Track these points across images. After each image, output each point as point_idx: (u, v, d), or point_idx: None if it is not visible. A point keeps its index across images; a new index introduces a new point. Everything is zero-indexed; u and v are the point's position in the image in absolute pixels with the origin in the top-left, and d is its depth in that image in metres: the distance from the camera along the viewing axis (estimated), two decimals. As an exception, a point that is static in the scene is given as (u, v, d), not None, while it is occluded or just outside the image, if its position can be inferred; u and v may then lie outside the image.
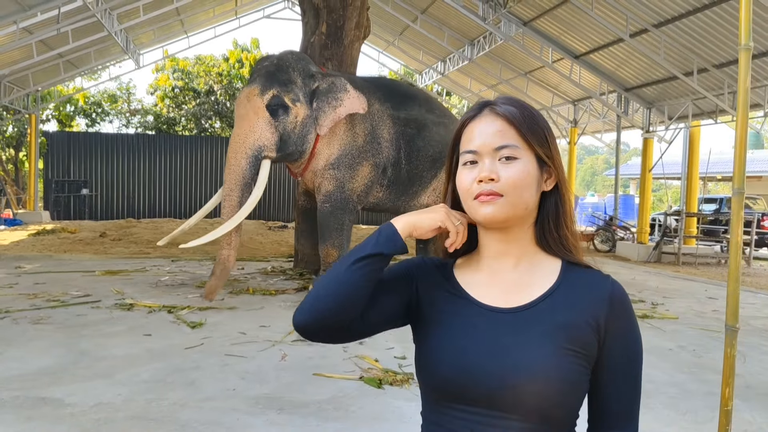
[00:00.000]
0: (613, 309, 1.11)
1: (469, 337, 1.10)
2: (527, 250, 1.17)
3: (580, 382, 1.08)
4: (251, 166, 7.18)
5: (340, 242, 7.90)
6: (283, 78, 7.40)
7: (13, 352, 4.94)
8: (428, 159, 8.37)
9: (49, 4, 13.25)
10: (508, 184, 1.08)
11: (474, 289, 1.16)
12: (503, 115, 1.12)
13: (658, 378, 4.76)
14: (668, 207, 18.10)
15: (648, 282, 10.16)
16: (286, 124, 7.30)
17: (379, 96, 8.18)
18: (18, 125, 22.63)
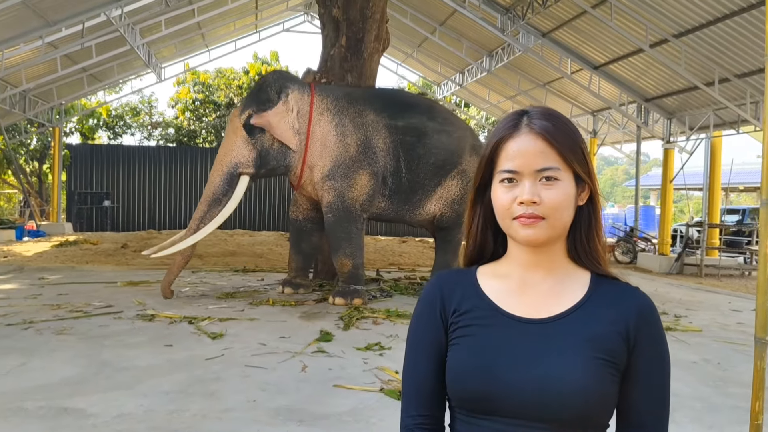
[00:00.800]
0: (642, 320, 1.12)
1: (500, 348, 1.10)
2: (558, 262, 1.17)
3: (611, 392, 1.08)
4: (224, 183, 7.79)
5: (351, 251, 7.99)
6: (262, 97, 7.87)
7: (36, 362, 5.00)
8: (430, 167, 8.36)
9: (73, 19, 13.52)
10: (550, 207, 1.09)
11: (503, 299, 1.16)
12: (542, 134, 1.11)
13: (682, 391, 4.68)
14: (690, 218, 17.87)
15: (670, 294, 10.03)
16: (264, 141, 7.80)
17: (375, 106, 8.28)
18: (42, 138, 23.03)
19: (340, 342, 5.92)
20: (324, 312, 7.46)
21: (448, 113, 9.10)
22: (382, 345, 5.79)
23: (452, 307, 1.18)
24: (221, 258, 13.41)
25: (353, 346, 5.75)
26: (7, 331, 6.03)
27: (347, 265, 8.02)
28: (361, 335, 6.24)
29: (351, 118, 8.09)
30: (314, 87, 8.20)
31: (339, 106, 8.11)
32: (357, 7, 9.26)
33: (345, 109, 8.13)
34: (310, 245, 8.83)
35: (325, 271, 9.68)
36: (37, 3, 12.19)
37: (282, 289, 8.67)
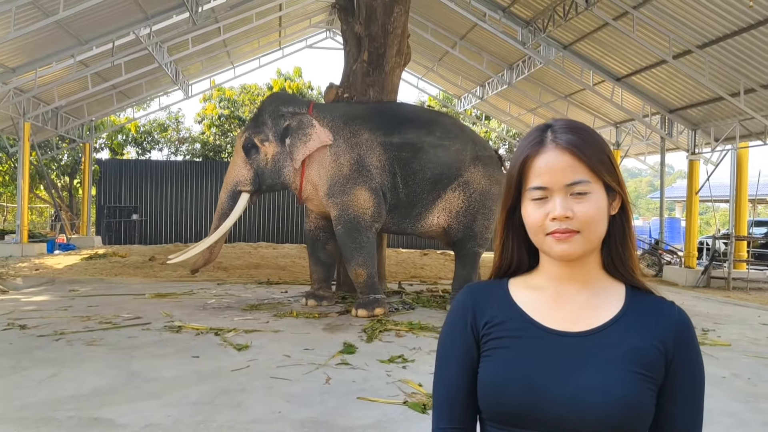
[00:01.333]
0: (681, 337, 1.12)
1: (536, 361, 1.10)
2: (593, 275, 1.16)
3: (649, 406, 1.09)
4: (230, 200, 8.56)
5: (364, 261, 8.14)
6: (258, 121, 8.55)
7: (67, 372, 5.13)
8: (427, 182, 8.40)
9: (104, 38, 13.91)
10: (583, 221, 1.08)
11: (536, 311, 1.16)
12: (569, 149, 1.10)
13: (713, 407, 4.62)
14: (716, 230, 17.61)
15: (697, 307, 9.89)
16: (259, 161, 8.40)
17: (371, 125, 8.44)
18: (73, 154, 23.56)
19: (364, 354, 5.96)
20: (347, 324, 7.52)
21: (451, 126, 8.98)
22: (405, 357, 5.82)
23: (484, 319, 1.17)
24: (246, 270, 13.56)
25: (376, 358, 5.79)
26: (38, 342, 6.18)
27: (362, 275, 8.16)
28: (384, 348, 6.28)
29: (345, 138, 8.32)
30: (312, 107, 8.54)
31: (335, 126, 8.36)
32: (378, 22, 9.38)
33: (340, 129, 8.36)
34: (326, 254, 8.94)
35: (348, 283, 9.73)
36: (70, 23, 12.58)
37: (306, 301, 8.76)
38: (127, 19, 13.78)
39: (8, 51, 12.81)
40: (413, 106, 9.36)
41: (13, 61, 13.34)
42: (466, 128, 9.47)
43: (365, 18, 9.45)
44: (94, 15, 12.68)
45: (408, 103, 9.50)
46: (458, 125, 9.32)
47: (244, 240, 21.44)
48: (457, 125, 9.28)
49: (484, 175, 8.60)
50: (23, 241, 16.15)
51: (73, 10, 11.19)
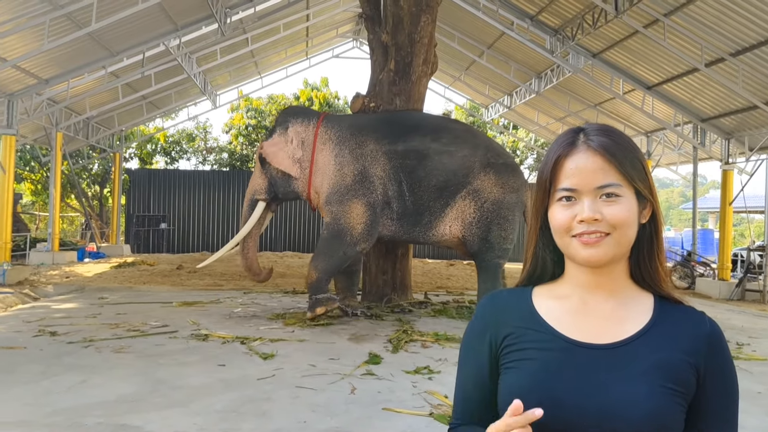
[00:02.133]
0: (712, 348, 1.08)
1: (561, 373, 1.06)
2: (620, 284, 1.12)
3: (678, 421, 1.04)
4: (250, 208, 8.94)
5: (323, 266, 8.28)
6: (271, 132, 8.98)
7: (96, 379, 5.17)
8: (433, 189, 8.32)
9: (134, 49, 14.15)
10: (613, 223, 1.05)
11: (562, 323, 1.12)
12: (600, 151, 1.07)
13: (747, 423, 4.48)
14: (751, 242, 17.20)
15: (731, 321, 9.64)
16: (271, 171, 8.71)
17: (377, 135, 8.49)
18: (103, 163, 23.99)
19: (389, 365, 5.91)
20: (372, 334, 7.47)
21: (461, 132, 8.84)
22: (431, 369, 5.75)
23: (506, 330, 1.14)
24: (271, 280, 13.58)
25: (402, 369, 5.74)
26: (68, 349, 6.26)
27: (311, 277, 8.33)
28: (409, 358, 6.21)
29: (351, 149, 8.43)
30: (323, 118, 8.75)
31: (342, 136, 8.50)
32: (405, 32, 9.38)
33: (347, 140, 8.47)
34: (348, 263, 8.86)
35: (373, 293, 9.71)
36: (101, 35, 12.82)
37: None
38: (157, 31, 14.02)
39: (42, 62, 13.10)
40: (425, 114, 9.25)
41: (47, 72, 13.64)
42: (480, 135, 9.27)
43: (392, 27, 9.45)
44: (124, 27, 12.91)
45: (422, 111, 9.38)
46: (470, 132, 9.16)
47: (270, 249, 21.57)
48: (470, 132, 9.14)
49: (496, 183, 8.40)
50: (54, 249, 16.44)
51: (104, 22, 11.41)
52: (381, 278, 9.72)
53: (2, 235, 13.17)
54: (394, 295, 9.64)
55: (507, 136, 27.09)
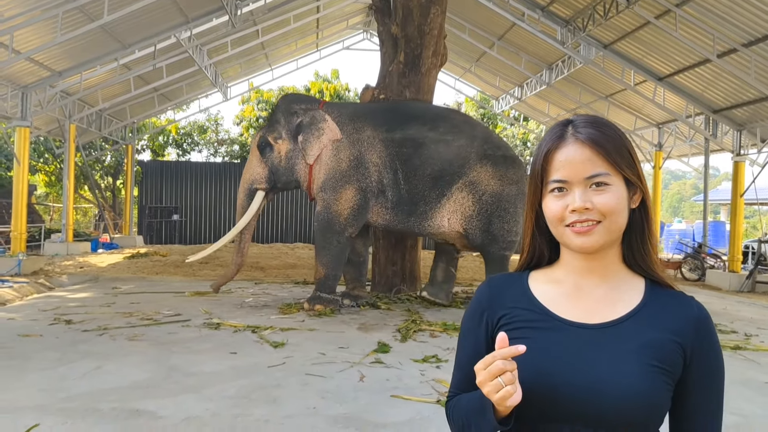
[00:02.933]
0: (699, 330, 1.13)
1: (553, 352, 1.12)
2: (612, 268, 1.18)
3: (665, 399, 1.09)
4: (247, 198, 8.79)
5: (327, 261, 8.35)
6: (272, 120, 8.82)
7: (110, 366, 5.28)
8: (428, 178, 8.31)
9: (146, 42, 14.24)
10: (604, 212, 1.10)
11: (556, 304, 1.18)
12: (588, 142, 1.12)
13: (753, 412, 4.52)
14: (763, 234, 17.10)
15: (741, 312, 9.63)
16: (273, 159, 8.61)
17: (375, 122, 8.51)
18: (116, 155, 24.18)
19: (398, 353, 5.98)
20: (381, 324, 7.54)
21: (459, 122, 8.79)
22: (439, 357, 5.82)
23: (502, 311, 1.20)
24: (283, 270, 13.73)
25: (410, 357, 5.81)
26: (83, 337, 6.38)
27: (320, 273, 8.41)
28: (418, 347, 6.28)
29: (348, 134, 8.42)
30: (322, 106, 8.67)
31: (341, 123, 8.47)
32: (415, 23, 9.39)
33: (345, 125, 8.46)
34: (355, 253, 8.96)
35: (382, 284, 9.78)
36: (113, 27, 12.92)
37: (342, 301, 8.75)
38: (169, 23, 14.09)
39: (55, 55, 13.23)
40: (426, 103, 9.16)
41: (60, 64, 13.76)
42: (479, 126, 9.19)
43: (401, 19, 9.47)
44: (136, 19, 13.00)
45: (425, 102, 9.31)
46: (469, 122, 9.09)
47: (281, 241, 21.69)
48: (468, 122, 9.06)
49: (493, 176, 8.38)
50: (68, 240, 16.63)
51: (116, 15, 11.49)
52: (390, 269, 9.79)
53: (17, 226, 13.34)
54: (403, 285, 9.70)
55: (517, 128, 27.01)
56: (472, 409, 1.13)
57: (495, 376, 1.01)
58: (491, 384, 1.02)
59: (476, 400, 1.10)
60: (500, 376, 1.01)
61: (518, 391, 1.02)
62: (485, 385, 1.03)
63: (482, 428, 1.10)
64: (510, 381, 1.01)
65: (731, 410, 4.51)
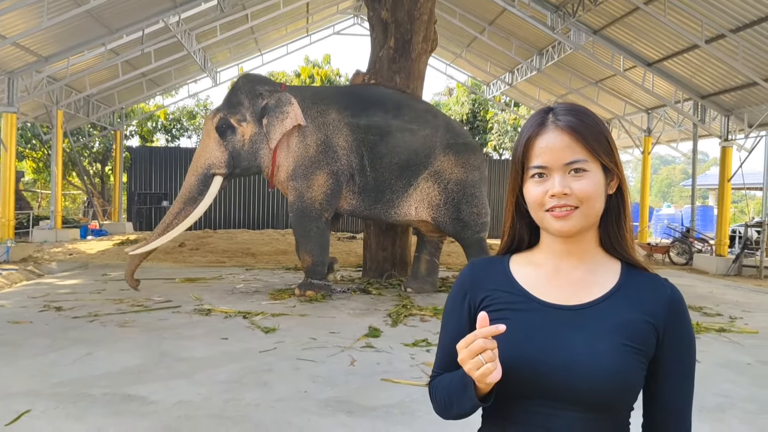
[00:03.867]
0: (672, 311, 1.17)
1: (531, 332, 1.16)
2: (590, 252, 1.22)
3: (638, 377, 1.14)
4: (199, 183, 8.29)
5: (311, 248, 8.26)
6: (233, 101, 8.34)
7: (101, 352, 5.29)
8: (395, 167, 8.32)
9: (134, 26, 14.10)
10: (581, 197, 1.14)
11: (535, 287, 1.21)
12: (568, 130, 1.15)
13: (735, 393, 4.61)
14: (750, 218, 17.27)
15: (726, 296, 9.76)
16: (235, 142, 8.24)
17: (339, 105, 8.40)
18: (104, 141, 23.99)
19: (388, 338, 6.04)
20: (372, 309, 7.59)
21: (422, 111, 8.80)
22: (428, 341, 5.87)
23: (483, 294, 1.24)
24: (274, 257, 13.74)
25: (401, 341, 5.86)
26: (74, 323, 6.38)
27: (307, 261, 8.34)
28: (408, 332, 6.34)
29: (312, 118, 8.28)
30: (284, 88, 8.43)
31: (303, 105, 8.27)
32: (405, 8, 9.36)
33: (308, 109, 8.30)
34: None
35: (373, 269, 9.83)
36: (100, 12, 12.77)
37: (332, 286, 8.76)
38: (156, 8, 13.95)
39: (41, 40, 13.07)
40: (385, 89, 9.13)
41: (46, 49, 13.61)
42: (441, 114, 9.22)
43: (391, 4, 9.43)
44: (123, 4, 12.86)
45: (381, 86, 9.25)
46: (431, 111, 9.08)
47: (272, 227, 21.66)
48: (431, 111, 9.05)
49: (456, 164, 8.45)
50: (57, 227, 16.55)
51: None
52: (381, 254, 9.83)
53: (5, 213, 13.26)
54: (394, 270, 9.75)
55: (508, 114, 27.01)
56: (454, 387, 1.17)
57: (476, 354, 1.05)
58: (472, 362, 1.05)
59: (458, 379, 1.15)
60: (481, 354, 1.04)
61: (498, 369, 1.05)
62: (466, 362, 1.06)
63: (463, 405, 1.14)
64: (490, 359, 1.04)
65: (715, 392, 4.60)
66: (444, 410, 1.23)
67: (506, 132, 26.66)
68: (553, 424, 1.13)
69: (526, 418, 1.15)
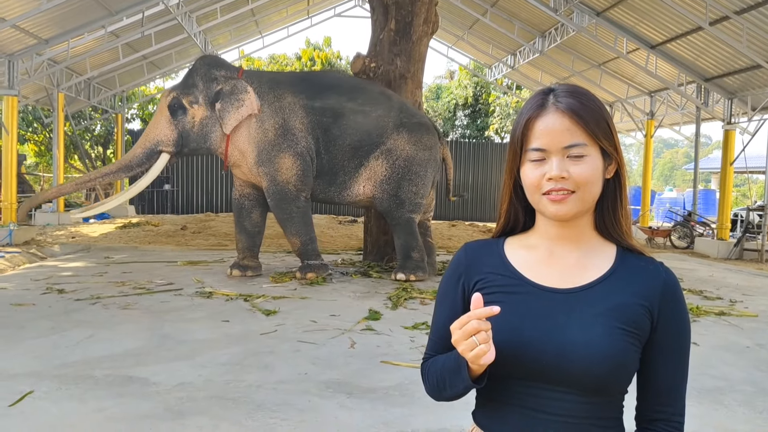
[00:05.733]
0: (667, 297, 1.18)
1: (526, 315, 1.16)
2: (585, 236, 1.22)
3: (632, 360, 1.14)
4: (144, 155, 8.36)
5: (296, 230, 8.31)
6: (188, 82, 8.35)
7: (103, 334, 5.33)
8: (347, 148, 8.37)
9: (134, 8, 14.01)
10: (579, 182, 1.13)
11: (529, 270, 1.22)
12: (568, 112, 1.13)
13: (733, 376, 4.64)
14: (753, 202, 17.24)
15: (727, 279, 9.77)
16: (185, 123, 8.24)
17: (295, 89, 8.43)
18: (105, 124, 23.96)
19: (388, 321, 6.07)
20: (373, 292, 7.63)
21: (376, 94, 8.78)
22: (428, 324, 5.88)
23: (477, 276, 1.24)
24: (275, 240, 13.75)
25: (400, 324, 5.90)
26: (76, 306, 6.42)
27: (296, 243, 8.39)
28: (408, 315, 6.37)
29: (269, 103, 8.28)
30: (242, 73, 8.45)
31: (260, 91, 8.29)
32: (406, -10, 9.28)
33: (265, 94, 8.30)
34: (251, 223, 8.76)
35: (374, 253, 9.85)
36: (100, -6, 12.69)
37: (230, 271, 8.61)
38: (157, -10, 13.85)
39: (41, 22, 13.00)
40: (341, 74, 9.07)
41: (46, 32, 13.54)
42: (395, 96, 9.16)
43: (392, -15, 9.34)
44: (124, -15, 12.78)
45: (336, 71, 9.27)
46: (385, 94, 9.02)
47: (273, 210, 21.66)
48: (385, 94, 9.00)
49: (408, 141, 8.50)
50: (60, 210, 16.57)
51: (103, -19, 11.29)
52: (382, 238, 9.85)
53: (8, 196, 13.27)
54: (395, 254, 9.76)
55: (510, 96, 26.89)
56: (447, 368, 1.18)
57: (470, 335, 1.05)
58: (466, 342, 1.06)
59: (451, 360, 1.15)
60: (475, 335, 1.05)
61: (492, 350, 1.06)
62: (460, 343, 1.07)
63: (456, 386, 1.15)
64: (484, 340, 1.05)
65: (714, 375, 4.63)
66: (436, 391, 1.23)
67: (508, 115, 26.55)
68: (547, 406, 1.14)
69: (519, 400, 1.16)
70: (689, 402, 1.27)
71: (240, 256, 8.78)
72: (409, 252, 8.50)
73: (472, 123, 28.06)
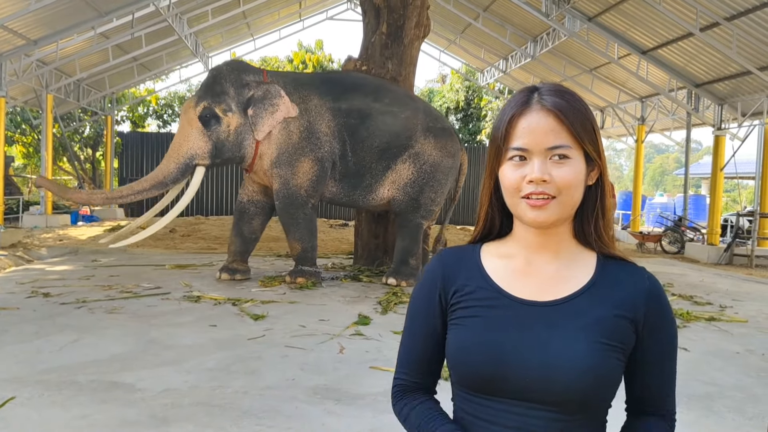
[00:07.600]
0: (650, 303, 1.12)
1: (505, 330, 1.10)
2: (565, 244, 1.16)
3: (615, 375, 1.09)
4: (178, 172, 8.00)
5: (300, 236, 8.21)
6: (217, 90, 7.99)
7: (89, 339, 5.25)
8: (375, 150, 8.31)
9: (124, 9, 13.93)
10: (561, 186, 1.07)
11: (507, 281, 1.15)
12: (554, 111, 1.08)
13: (723, 382, 4.62)
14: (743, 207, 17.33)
15: (717, 284, 9.79)
16: (219, 133, 7.92)
17: (320, 91, 8.34)
18: (95, 126, 23.79)
19: (378, 325, 6.02)
20: (363, 296, 7.58)
21: (401, 94, 8.76)
22: (419, 329, 5.85)
23: (454, 287, 1.17)
24: (265, 243, 13.66)
25: (390, 329, 5.84)
26: (61, 310, 6.33)
27: (296, 248, 8.31)
28: (398, 319, 6.32)
29: (295, 105, 8.15)
30: (266, 75, 8.28)
31: (285, 93, 8.09)
32: (398, -6, 9.26)
33: (289, 95, 8.13)
34: (250, 229, 8.66)
35: (365, 257, 9.80)
36: (89, -5, 12.60)
37: (219, 275, 8.49)
38: (147, -9, 13.78)
39: (30, 23, 12.89)
40: (361, 75, 9.06)
41: (35, 33, 13.43)
42: (418, 98, 9.13)
43: (384, -11, 9.32)
44: (114, -14, 12.70)
45: (357, 73, 9.21)
46: (409, 95, 9.02)
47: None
48: (408, 95, 8.99)
49: (435, 147, 8.49)
50: (47, 213, 16.43)
51: (93, -18, 11.21)
52: (373, 242, 9.80)
53: (-6, 198, 13.15)
54: (386, 258, 9.72)
55: (502, 101, 26.93)
56: None
57: None
58: None
59: None
60: None
61: None
62: None
63: None
64: None
65: (704, 380, 4.61)
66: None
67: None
68: (529, 423, 1.08)
69: (501, 418, 1.10)
70: (679, 408, 1.24)
71: (230, 259, 8.67)
72: (407, 257, 8.46)
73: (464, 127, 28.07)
